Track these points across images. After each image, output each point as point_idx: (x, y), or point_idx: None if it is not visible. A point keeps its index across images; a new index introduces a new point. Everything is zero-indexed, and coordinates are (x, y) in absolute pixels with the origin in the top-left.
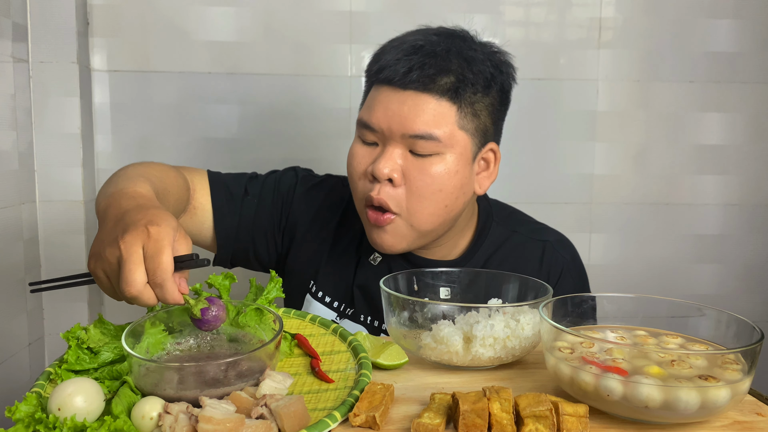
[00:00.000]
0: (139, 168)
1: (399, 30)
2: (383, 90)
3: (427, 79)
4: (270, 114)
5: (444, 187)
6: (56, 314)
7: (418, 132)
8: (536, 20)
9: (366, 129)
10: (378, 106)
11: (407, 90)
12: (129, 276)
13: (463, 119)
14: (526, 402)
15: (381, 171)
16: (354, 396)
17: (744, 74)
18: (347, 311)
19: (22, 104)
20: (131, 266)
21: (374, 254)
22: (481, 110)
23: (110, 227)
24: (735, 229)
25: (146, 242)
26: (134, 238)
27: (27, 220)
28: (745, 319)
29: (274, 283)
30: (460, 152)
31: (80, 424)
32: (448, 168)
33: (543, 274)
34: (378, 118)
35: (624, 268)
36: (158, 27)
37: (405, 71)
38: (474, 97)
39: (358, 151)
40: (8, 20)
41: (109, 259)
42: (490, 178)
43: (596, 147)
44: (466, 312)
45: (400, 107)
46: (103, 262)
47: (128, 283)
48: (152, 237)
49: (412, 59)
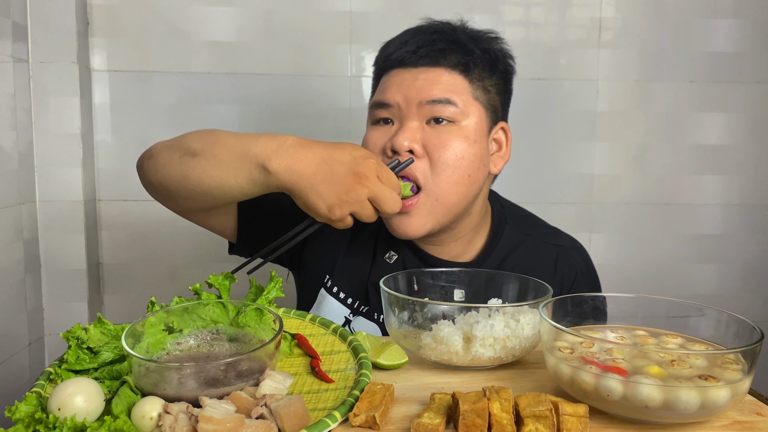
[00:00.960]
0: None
1: (399, 30)
2: (394, 72)
3: (438, 53)
4: (270, 114)
5: (465, 155)
6: (56, 314)
7: (435, 96)
8: (536, 20)
9: (380, 108)
10: (391, 85)
11: (419, 66)
12: (388, 197)
13: (476, 91)
14: (526, 402)
15: (401, 143)
16: (354, 396)
17: (744, 74)
18: (361, 308)
19: (22, 104)
20: (386, 193)
21: (390, 252)
22: (490, 87)
23: (321, 177)
24: (735, 229)
25: (377, 173)
26: (368, 174)
27: (27, 220)
28: (745, 319)
29: (273, 283)
30: (476, 121)
31: (80, 424)
32: (467, 135)
33: (557, 279)
34: (392, 93)
35: (624, 268)
36: (158, 27)
37: (414, 49)
38: (482, 74)
39: (372, 133)
40: (8, 20)
41: (357, 200)
42: (504, 158)
43: (596, 147)
44: (466, 312)
45: (414, 81)
46: (348, 206)
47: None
48: (373, 167)
49: (420, 38)
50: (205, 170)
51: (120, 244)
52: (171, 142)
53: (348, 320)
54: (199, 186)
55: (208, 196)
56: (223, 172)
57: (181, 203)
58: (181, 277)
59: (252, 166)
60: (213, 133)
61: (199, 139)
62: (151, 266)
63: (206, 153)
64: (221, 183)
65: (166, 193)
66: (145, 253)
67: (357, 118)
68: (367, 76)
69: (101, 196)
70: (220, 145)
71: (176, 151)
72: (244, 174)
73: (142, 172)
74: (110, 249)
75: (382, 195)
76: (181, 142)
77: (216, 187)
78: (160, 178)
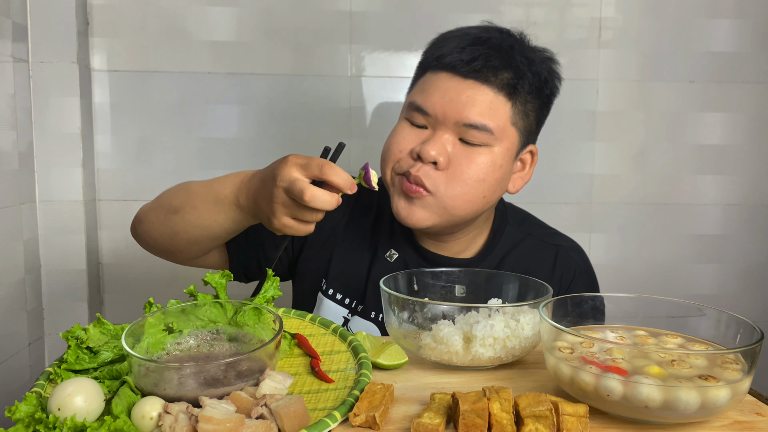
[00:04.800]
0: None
1: (399, 30)
2: (442, 76)
3: (490, 71)
4: (270, 114)
5: (487, 178)
6: (56, 314)
7: (473, 121)
8: (536, 20)
9: (418, 112)
10: (435, 91)
11: (468, 79)
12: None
13: (516, 116)
14: (526, 402)
15: (428, 153)
16: (354, 396)
17: (744, 74)
18: (358, 308)
19: (22, 104)
20: (298, 184)
21: (391, 251)
22: (530, 111)
23: (255, 198)
24: (735, 229)
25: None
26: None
27: (27, 220)
28: (745, 319)
29: (271, 282)
30: (507, 147)
31: (80, 424)
32: (494, 160)
33: (555, 277)
34: (434, 103)
35: (624, 268)
36: (158, 27)
37: (469, 60)
38: (527, 96)
39: (406, 130)
40: (8, 20)
41: (279, 201)
42: (524, 179)
43: (596, 147)
44: (466, 312)
45: (458, 95)
46: (279, 211)
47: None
48: (290, 162)
49: (477, 49)
50: (190, 222)
51: (120, 244)
52: (153, 204)
53: (346, 320)
54: (188, 237)
55: (200, 244)
56: (204, 219)
57: (179, 255)
58: (180, 277)
59: (227, 207)
60: (186, 187)
61: (177, 196)
62: (151, 266)
63: (186, 206)
64: (206, 229)
65: (164, 249)
66: (145, 253)
67: (357, 118)
68: (367, 76)
69: (101, 196)
70: (195, 197)
71: (160, 212)
72: (222, 215)
73: (138, 237)
74: (110, 249)
75: (293, 190)
76: (162, 202)
77: (203, 234)
78: (155, 237)
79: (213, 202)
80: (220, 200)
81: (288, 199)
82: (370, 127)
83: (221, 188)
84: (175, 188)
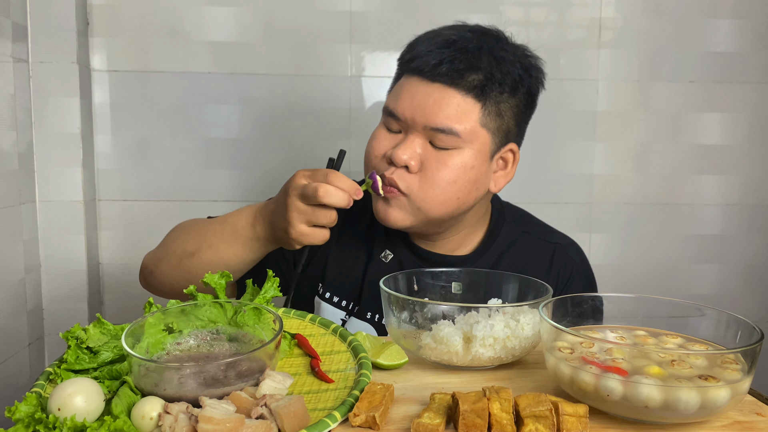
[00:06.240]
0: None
1: (399, 30)
2: (412, 80)
3: (456, 74)
4: (270, 114)
5: (458, 180)
6: (56, 314)
7: (439, 126)
8: (536, 20)
9: (391, 117)
10: (405, 95)
11: (435, 83)
12: (312, 188)
13: (486, 117)
14: (526, 402)
15: (399, 157)
16: (354, 396)
17: (744, 74)
18: (354, 309)
19: (22, 104)
20: (310, 188)
21: (385, 251)
22: (505, 111)
23: (269, 221)
24: (735, 229)
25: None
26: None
27: (27, 220)
28: (745, 319)
29: (271, 283)
30: (478, 148)
31: (80, 424)
32: (465, 162)
33: (552, 275)
34: (403, 108)
35: (624, 268)
36: (158, 27)
37: (435, 63)
38: (500, 97)
39: (382, 134)
40: (8, 20)
41: (295, 209)
42: (506, 178)
43: (596, 147)
44: (466, 312)
45: (426, 99)
46: (296, 219)
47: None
48: (299, 176)
49: (443, 52)
50: (209, 262)
51: (120, 244)
52: (160, 252)
53: (344, 322)
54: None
55: None
56: (223, 255)
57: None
58: None
59: (245, 238)
60: (195, 228)
61: (188, 239)
62: None
63: (202, 247)
64: (226, 265)
65: (180, 294)
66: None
67: (357, 118)
68: (367, 76)
69: (101, 196)
70: (210, 235)
71: (173, 259)
72: (240, 247)
73: (150, 287)
74: (110, 249)
75: (307, 191)
76: (172, 248)
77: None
78: (171, 285)
79: (230, 236)
80: (237, 233)
81: (302, 205)
82: (370, 127)
83: (236, 221)
84: (180, 232)
